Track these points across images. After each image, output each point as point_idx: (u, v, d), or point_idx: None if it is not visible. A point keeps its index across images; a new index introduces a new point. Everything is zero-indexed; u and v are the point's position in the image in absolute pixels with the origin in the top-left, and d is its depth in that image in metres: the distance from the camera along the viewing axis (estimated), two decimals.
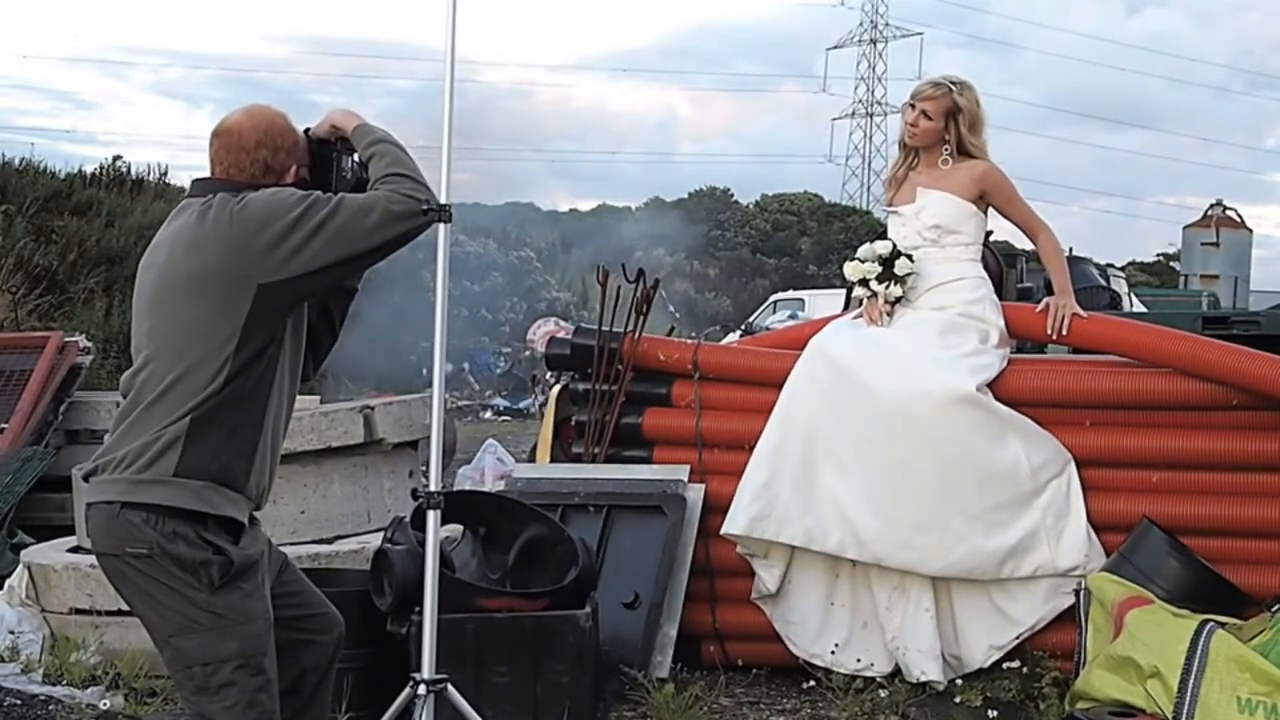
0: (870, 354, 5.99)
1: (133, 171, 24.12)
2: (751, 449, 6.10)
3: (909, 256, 6.15)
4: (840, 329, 6.26)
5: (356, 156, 3.92)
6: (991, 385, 5.94)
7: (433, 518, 4.24)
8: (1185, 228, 31.57)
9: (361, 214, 3.63)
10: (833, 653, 6.02)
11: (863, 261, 6.20)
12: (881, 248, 6.21)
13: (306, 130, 3.94)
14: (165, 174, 24.53)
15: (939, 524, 5.81)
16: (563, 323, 20.79)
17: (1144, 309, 16.27)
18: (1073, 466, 5.93)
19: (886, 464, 5.84)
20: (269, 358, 3.63)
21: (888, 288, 6.14)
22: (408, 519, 5.41)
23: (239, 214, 3.61)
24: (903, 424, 5.81)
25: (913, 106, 6.25)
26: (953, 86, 6.20)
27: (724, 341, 11.43)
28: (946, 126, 6.19)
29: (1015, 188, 6.30)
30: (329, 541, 6.89)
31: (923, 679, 5.86)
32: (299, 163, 3.87)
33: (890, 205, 6.41)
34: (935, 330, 6.03)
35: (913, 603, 5.93)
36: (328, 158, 3.95)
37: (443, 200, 4.01)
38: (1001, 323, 6.17)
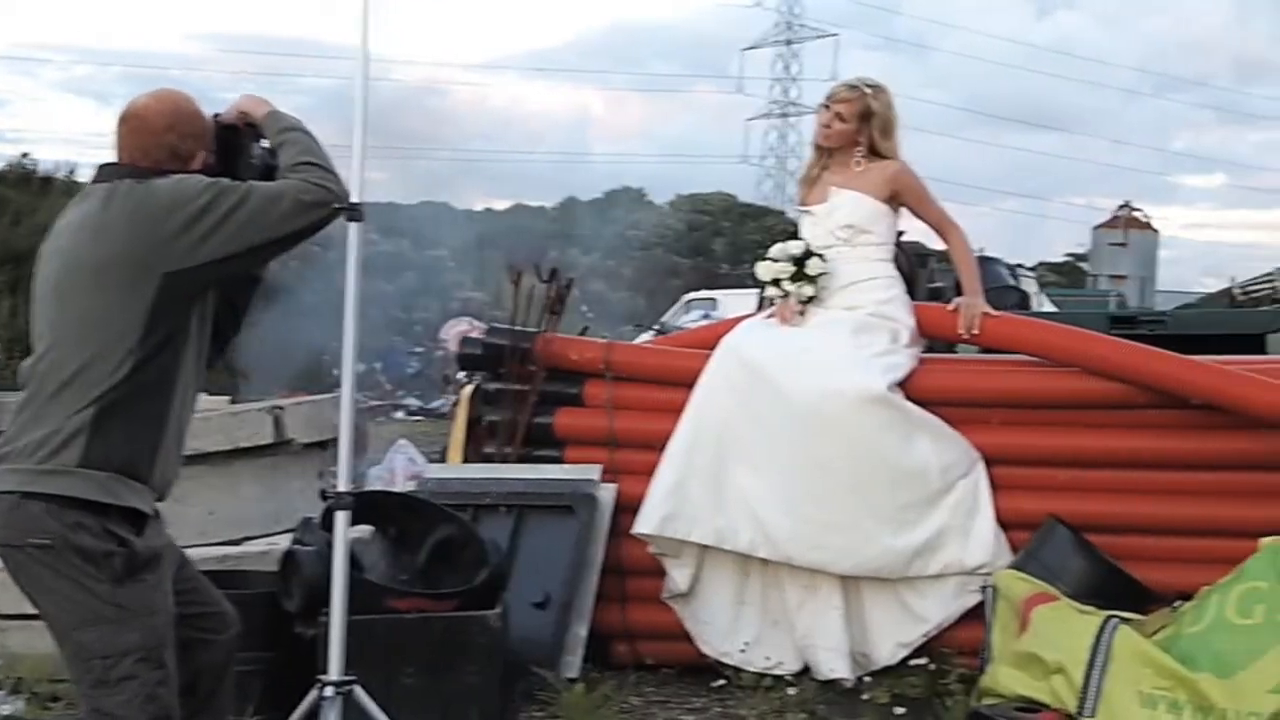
0: (782, 353, 6.02)
1: (40, 169, 23.80)
2: (664, 449, 6.11)
3: (821, 256, 6.18)
4: (753, 328, 6.29)
5: (265, 143, 3.87)
6: (902, 384, 5.98)
7: (341, 518, 4.22)
8: (1094, 228, 31.97)
9: (271, 202, 3.59)
10: (742, 651, 6.05)
11: (775, 261, 6.22)
12: (794, 247, 6.23)
13: (215, 115, 3.89)
14: (73, 172, 24.19)
15: (849, 523, 5.85)
16: (476, 322, 20.65)
17: (1053, 309, 16.41)
18: (981, 465, 5.98)
19: (797, 463, 5.87)
20: (174, 347, 3.59)
21: (800, 287, 6.16)
22: (316, 520, 5.37)
23: (144, 200, 3.56)
24: (814, 423, 5.84)
25: (827, 108, 6.30)
26: (867, 89, 6.25)
27: (637, 341, 11.44)
28: (860, 129, 6.23)
29: (927, 188, 6.34)
30: (237, 543, 6.84)
31: (831, 676, 5.90)
32: (206, 148, 3.82)
33: (803, 205, 6.44)
34: (847, 330, 6.06)
35: (822, 601, 5.96)
36: (236, 144, 3.89)
37: (355, 199, 3.99)
38: (912, 322, 6.21)
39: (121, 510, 3.53)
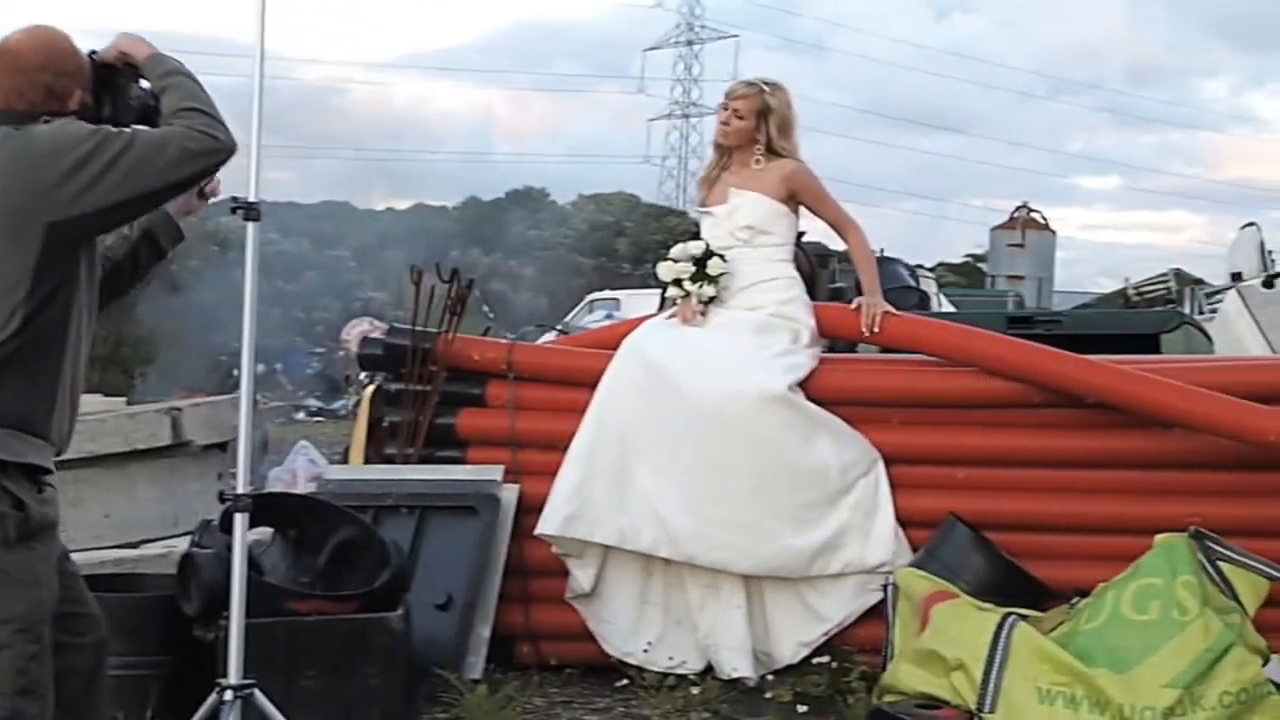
0: (684, 354, 6.03)
1: None
2: (566, 449, 6.11)
3: (721, 256, 6.20)
4: (654, 328, 6.30)
5: (145, 84, 3.77)
6: (803, 384, 6.02)
7: (240, 520, 4.19)
8: (992, 229, 32.27)
9: (156, 150, 3.49)
10: (645, 651, 6.05)
11: (676, 261, 6.24)
12: (694, 248, 6.25)
13: (92, 54, 3.75)
14: None
15: (751, 523, 5.87)
16: (377, 323, 20.58)
17: (952, 309, 16.58)
18: (881, 465, 6.03)
19: (699, 463, 5.89)
20: (64, 298, 3.50)
21: (701, 287, 6.18)
22: (215, 522, 5.32)
23: (24, 148, 3.47)
24: (716, 423, 5.86)
25: (725, 106, 6.33)
26: (765, 87, 6.29)
27: (540, 341, 11.42)
28: (758, 126, 6.27)
29: (825, 187, 6.39)
30: (134, 546, 6.77)
31: (734, 675, 5.92)
32: (83, 88, 3.70)
33: (703, 206, 6.46)
34: (748, 330, 6.09)
35: (724, 600, 5.98)
36: (114, 84, 3.76)
37: (252, 199, 3.96)
38: (813, 322, 6.25)
39: (21, 468, 3.44)
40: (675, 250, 6.31)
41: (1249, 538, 5.46)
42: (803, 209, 6.35)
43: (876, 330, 6.20)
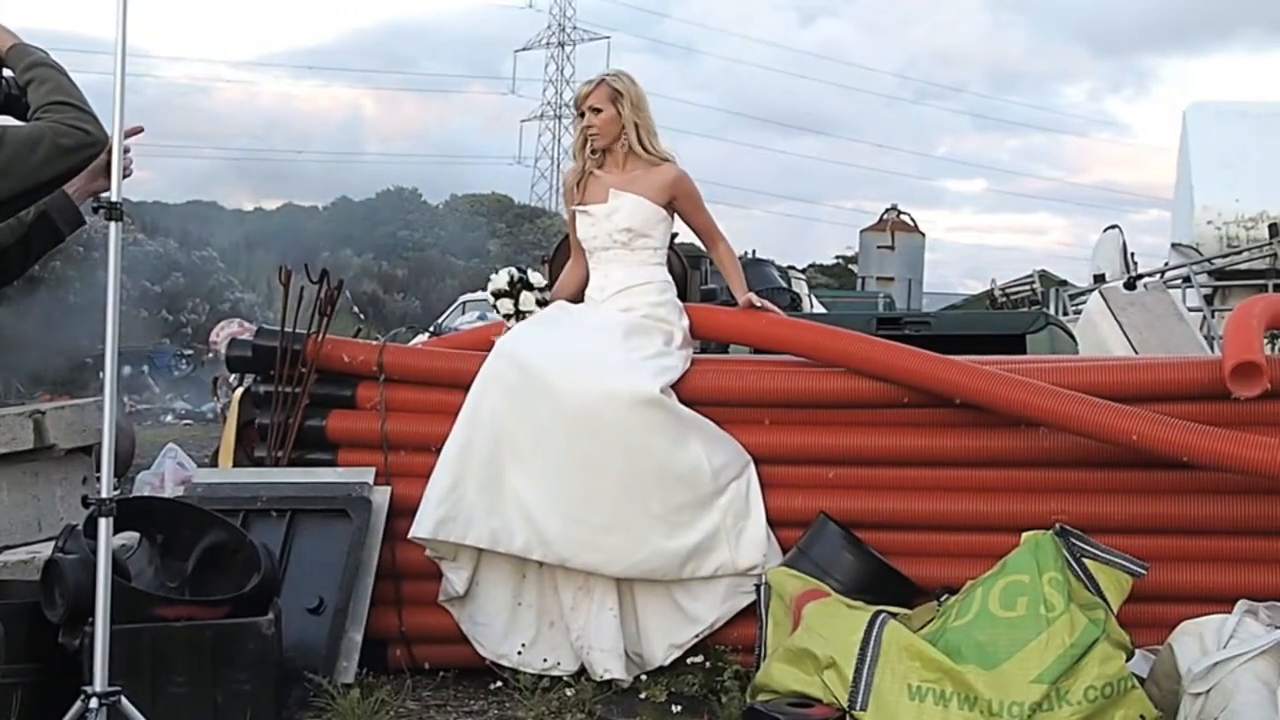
0: (556, 355, 6.03)
1: None
2: (438, 451, 6.08)
3: (528, 285, 6.37)
4: (527, 330, 6.29)
5: (7, 73, 3.69)
6: (675, 386, 6.05)
7: (105, 525, 4.13)
8: (862, 231, 32.63)
9: (28, 148, 3.43)
10: (519, 653, 6.05)
11: (495, 297, 6.48)
12: (500, 281, 6.42)
13: None
14: None
15: (623, 525, 5.88)
16: (247, 324, 20.40)
17: (824, 310, 16.75)
18: (752, 468, 6.08)
19: (571, 465, 5.89)
20: None
21: (517, 318, 6.38)
22: (80, 527, 5.23)
23: None
24: (588, 425, 5.87)
25: (581, 113, 6.39)
26: (605, 76, 6.40)
27: (412, 343, 11.36)
28: (617, 113, 6.34)
29: (701, 196, 6.46)
30: None
31: (607, 676, 5.92)
32: None
33: (581, 204, 6.46)
34: (621, 332, 6.11)
35: (597, 602, 5.99)
36: None
37: (114, 198, 3.89)
38: (686, 324, 6.31)
39: None
40: (492, 283, 6.48)
41: (1113, 534, 5.57)
42: (676, 214, 6.43)
43: (769, 305, 6.39)
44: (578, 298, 6.49)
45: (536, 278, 6.51)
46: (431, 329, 20.48)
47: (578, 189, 6.48)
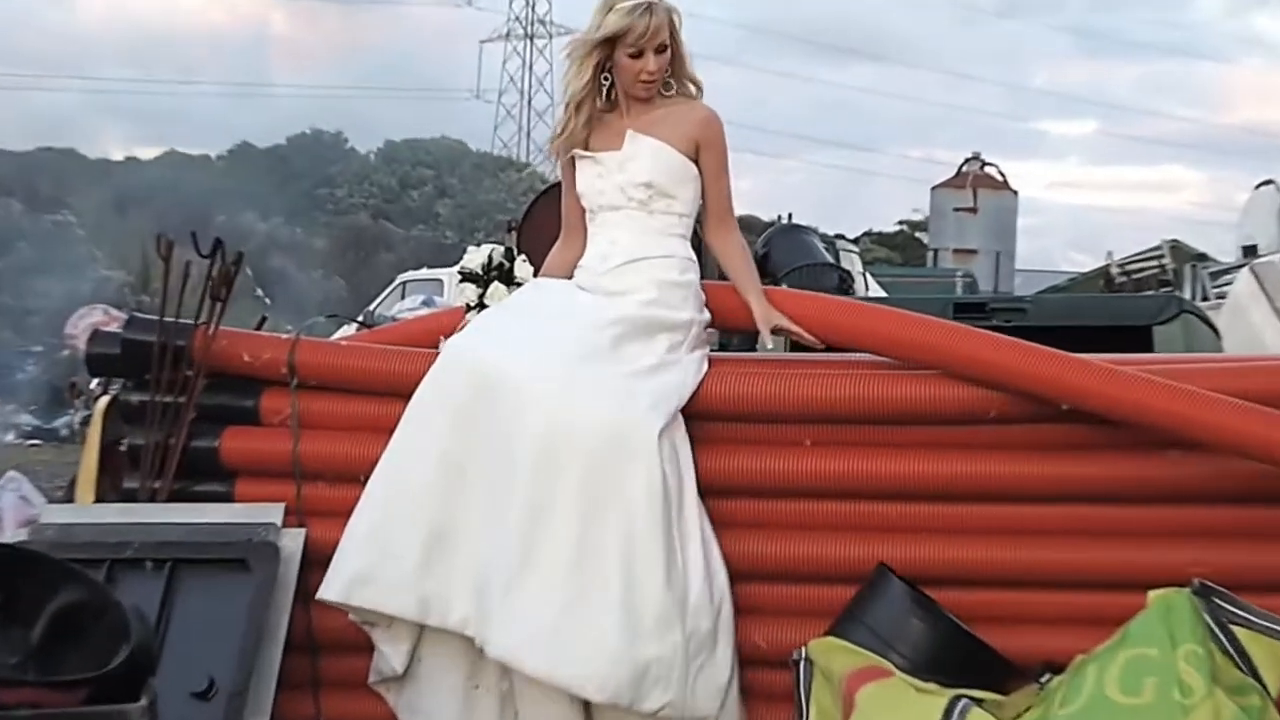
0: (527, 360, 5.95)
1: None
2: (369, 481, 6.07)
3: (509, 275, 6.33)
4: (486, 325, 6.25)
5: None
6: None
7: None
8: (934, 189, 32.75)
9: None
10: None
11: (462, 278, 6.54)
12: (475, 259, 6.39)
13: None
14: None
15: (567, 608, 5.72)
16: (114, 311, 20.35)
17: (882, 293, 16.73)
18: (730, 594, 6.03)
19: (529, 519, 5.75)
20: None
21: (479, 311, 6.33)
22: None
23: None
24: (550, 467, 5.77)
25: (639, 52, 6.29)
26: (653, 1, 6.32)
27: (335, 337, 11.35)
28: (673, 48, 6.35)
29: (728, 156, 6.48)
30: None
31: None
32: None
33: (587, 149, 6.43)
34: (611, 336, 6.01)
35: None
36: None
37: None
38: (705, 318, 6.31)
39: None
40: (467, 257, 6.43)
41: (1271, 594, 5.55)
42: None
43: (791, 327, 6.31)
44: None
45: (524, 269, 6.47)
46: (361, 318, 20.52)
47: (584, 131, 6.45)
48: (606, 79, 6.40)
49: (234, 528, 6.25)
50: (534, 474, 5.74)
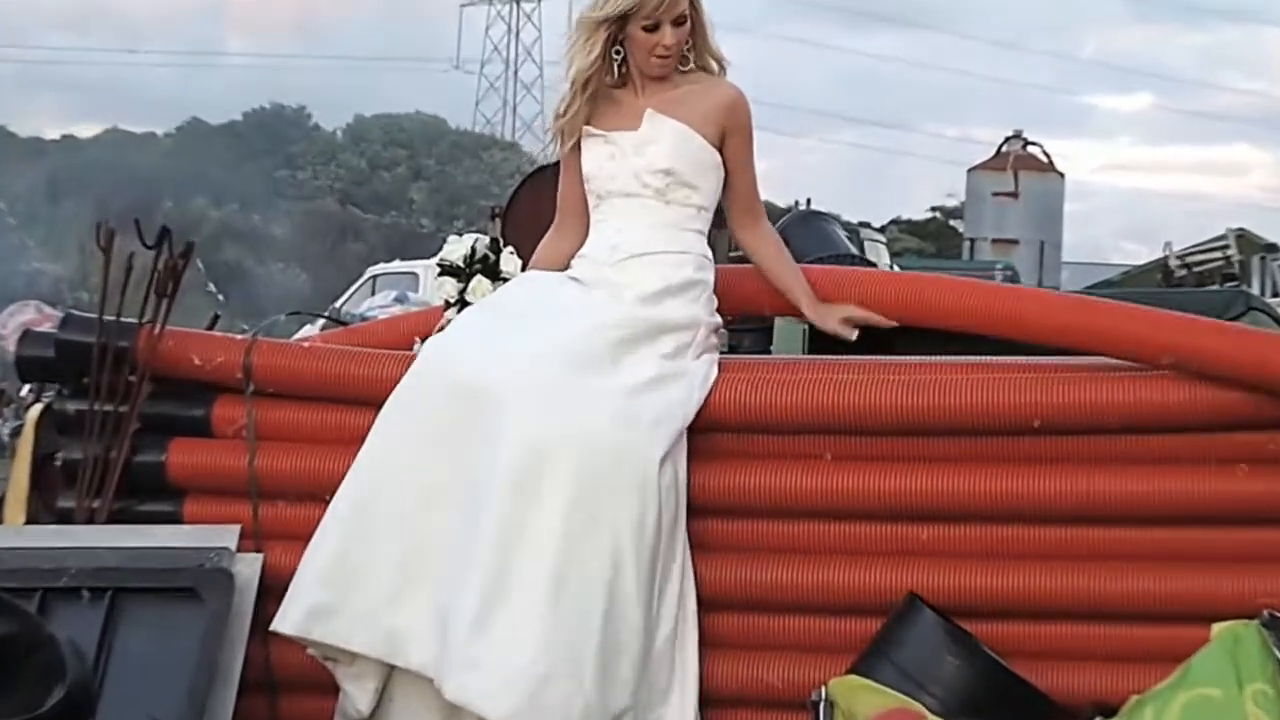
0: (509, 371, 5.93)
1: None
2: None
3: (493, 269, 6.30)
4: (469, 325, 6.22)
5: None
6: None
7: None
8: (970, 171, 32.80)
9: None
10: None
11: (440, 271, 6.48)
12: (456, 250, 6.36)
13: None
14: None
15: (546, 651, 5.73)
16: (48, 309, 20.43)
17: None
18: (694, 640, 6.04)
19: (503, 549, 5.74)
20: None
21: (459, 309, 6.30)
22: None
23: None
24: (528, 484, 5.74)
25: (655, 25, 6.29)
26: None
27: (297, 337, 11.37)
28: (693, 22, 6.35)
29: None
30: None
31: None
32: None
33: (599, 128, 6.43)
34: (609, 343, 6.00)
35: None
36: None
37: None
38: (716, 319, 6.34)
39: None
40: (448, 248, 6.40)
41: None
42: None
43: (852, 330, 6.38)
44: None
45: (511, 262, 6.44)
46: (327, 316, 20.57)
47: (585, 108, 6.44)
48: (618, 53, 6.40)
49: (182, 552, 6.24)
50: (512, 497, 5.69)
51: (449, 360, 6.00)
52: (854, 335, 6.34)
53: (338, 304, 23.53)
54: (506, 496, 5.69)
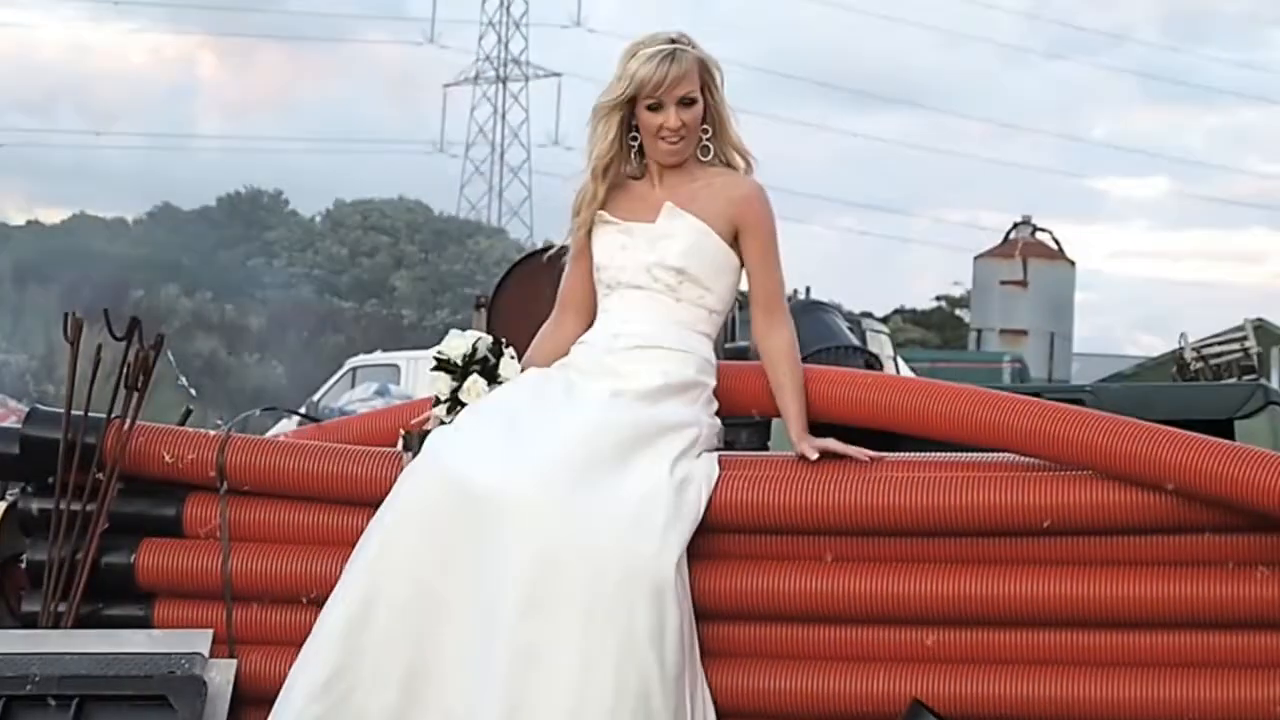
0: (513, 478, 5.90)
1: None
2: (313, 603, 6.06)
3: (491, 370, 6.25)
4: (472, 426, 6.18)
5: None
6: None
7: None
8: (977, 258, 32.86)
9: None
10: None
11: (437, 365, 6.37)
12: (457, 347, 6.31)
13: None
14: None
15: None
16: (13, 403, 20.42)
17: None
18: None
19: (513, 668, 5.72)
20: None
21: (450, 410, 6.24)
22: None
23: None
24: (541, 598, 5.70)
25: (659, 105, 6.32)
26: (688, 46, 6.35)
27: (272, 433, 11.36)
28: (707, 104, 6.39)
29: (776, 236, 6.50)
30: None
31: None
32: None
33: (613, 216, 6.43)
34: (615, 444, 5.99)
35: None
36: None
37: None
38: (717, 422, 6.35)
39: None
40: (447, 343, 6.37)
41: None
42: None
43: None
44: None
45: (511, 366, 6.37)
46: (305, 410, 20.58)
47: (585, 209, 6.47)
48: (634, 139, 6.44)
49: (153, 658, 6.23)
50: (523, 614, 5.68)
51: (452, 466, 5.93)
52: (814, 455, 6.27)
53: (316, 397, 23.58)
54: (517, 613, 5.68)
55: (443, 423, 6.20)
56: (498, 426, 6.11)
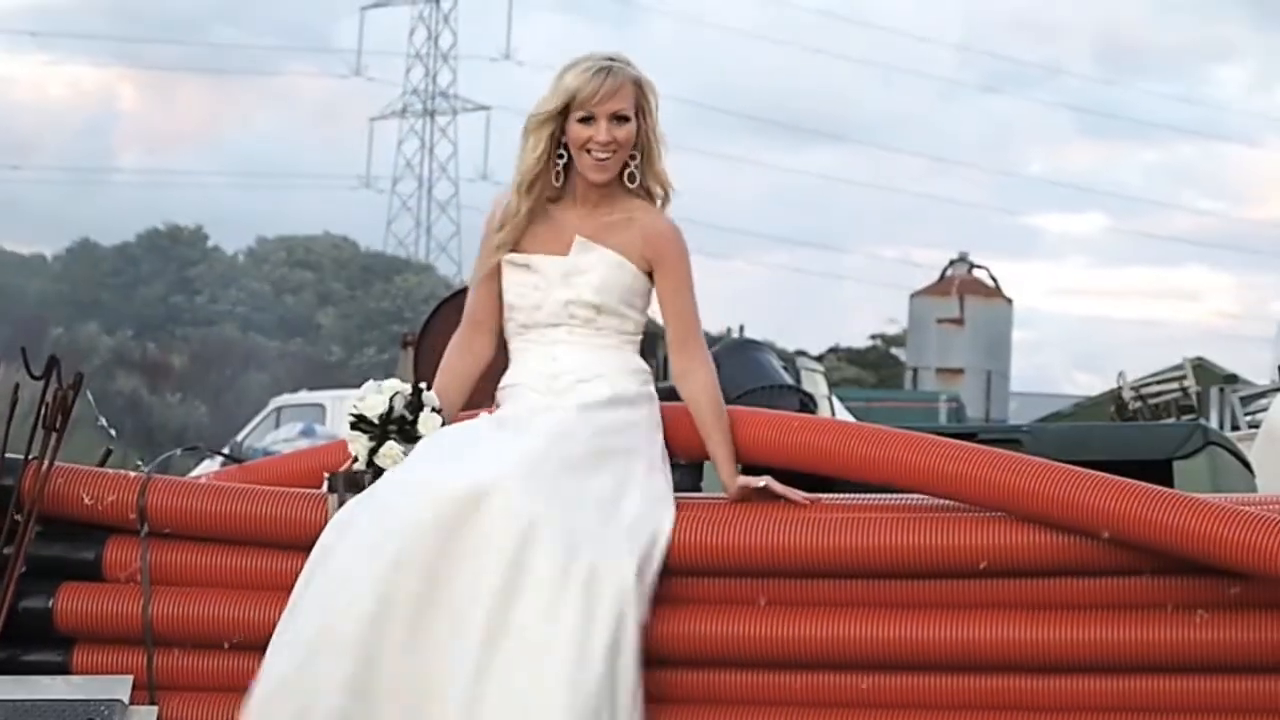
0: (497, 468, 5.86)
1: None
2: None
3: (408, 428, 6.20)
4: (420, 465, 6.12)
5: None
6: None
7: None
8: (913, 296, 32.99)
9: None
10: None
11: (354, 423, 6.28)
12: (375, 403, 6.25)
13: None
14: None
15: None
16: None
17: (851, 419, 16.77)
18: None
19: (486, 628, 5.71)
20: None
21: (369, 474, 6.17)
22: None
23: None
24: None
25: (591, 117, 6.32)
26: (624, 65, 6.37)
27: (195, 474, 11.34)
28: (638, 128, 6.37)
29: (691, 270, 6.49)
30: None
31: None
32: None
33: (520, 251, 6.42)
34: (581, 469, 6.00)
35: None
36: None
37: None
38: (661, 447, 6.36)
39: None
40: (366, 399, 6.31)
41: None
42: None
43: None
44: (471, 399, 6.43)
45: (431, 421, 6.27)
46: (228, 451, 20.54)
47: (509, 225, 6.44)
48: (561, 156, 6.39)
49: (71, 705, 6.21)
50: (502, 590, 5.71)
51: (392, 500, 5.88)
52: (750, 492, 6.27)
53: (240, 437, 23.52)
54: (495, 591, 5.70)
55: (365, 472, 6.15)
56: (461, 446, 6.11)
